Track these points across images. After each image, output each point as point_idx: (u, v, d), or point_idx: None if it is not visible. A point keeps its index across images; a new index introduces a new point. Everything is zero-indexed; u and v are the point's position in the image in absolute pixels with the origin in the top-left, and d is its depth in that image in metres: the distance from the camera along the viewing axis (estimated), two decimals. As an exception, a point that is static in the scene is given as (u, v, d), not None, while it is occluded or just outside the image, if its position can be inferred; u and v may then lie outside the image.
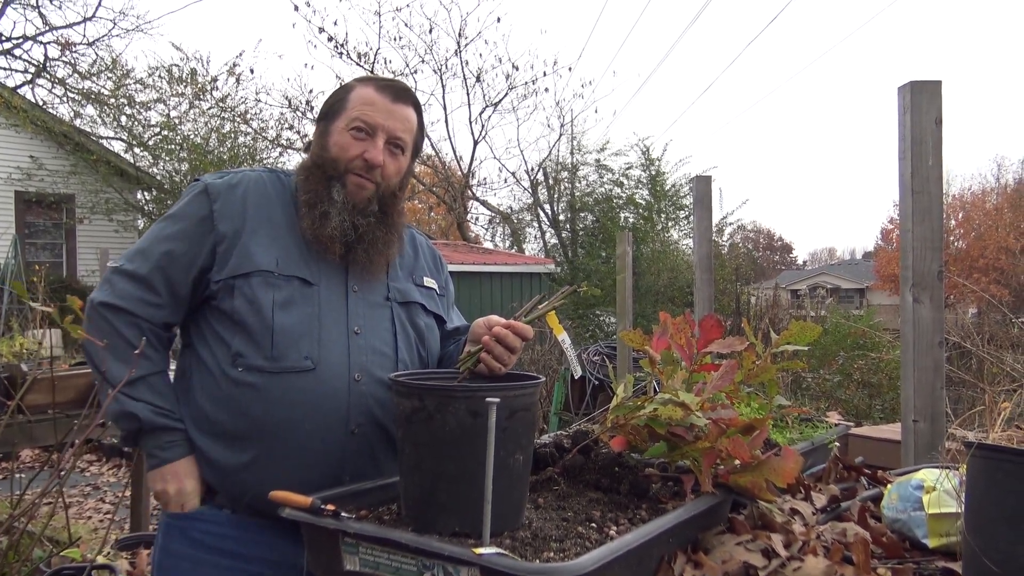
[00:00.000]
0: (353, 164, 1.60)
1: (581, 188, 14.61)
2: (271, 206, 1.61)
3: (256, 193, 1.61)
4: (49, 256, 13.62)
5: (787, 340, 1.62)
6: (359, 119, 1.60)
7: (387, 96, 1.62)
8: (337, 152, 1.61)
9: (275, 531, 1.48)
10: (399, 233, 1.69)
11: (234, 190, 1.59)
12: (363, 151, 1.60)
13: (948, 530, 1.29)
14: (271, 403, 1.49)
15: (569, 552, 1.12)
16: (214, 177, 1.62)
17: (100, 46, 15.48)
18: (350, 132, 1.60)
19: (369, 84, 1.65)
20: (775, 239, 58.77)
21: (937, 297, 2.33)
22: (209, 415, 1.53)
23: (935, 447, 2.22)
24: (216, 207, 1.57)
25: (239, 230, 1.56)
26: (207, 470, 1.54)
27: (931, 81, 2.34)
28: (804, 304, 13.62)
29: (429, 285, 1.78)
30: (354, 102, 1.62)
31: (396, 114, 1.63)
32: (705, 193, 4.46)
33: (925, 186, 2.33)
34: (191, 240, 1.56)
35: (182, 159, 13.68)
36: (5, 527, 1.66)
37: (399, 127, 1.63)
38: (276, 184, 1.65)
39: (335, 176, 1.60)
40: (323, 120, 1.67)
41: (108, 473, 6.98)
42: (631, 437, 1.43)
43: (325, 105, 1.68)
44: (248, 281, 1.52)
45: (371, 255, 1.62)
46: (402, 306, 1.68)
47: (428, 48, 18.03)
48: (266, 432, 1.50)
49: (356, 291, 1.61)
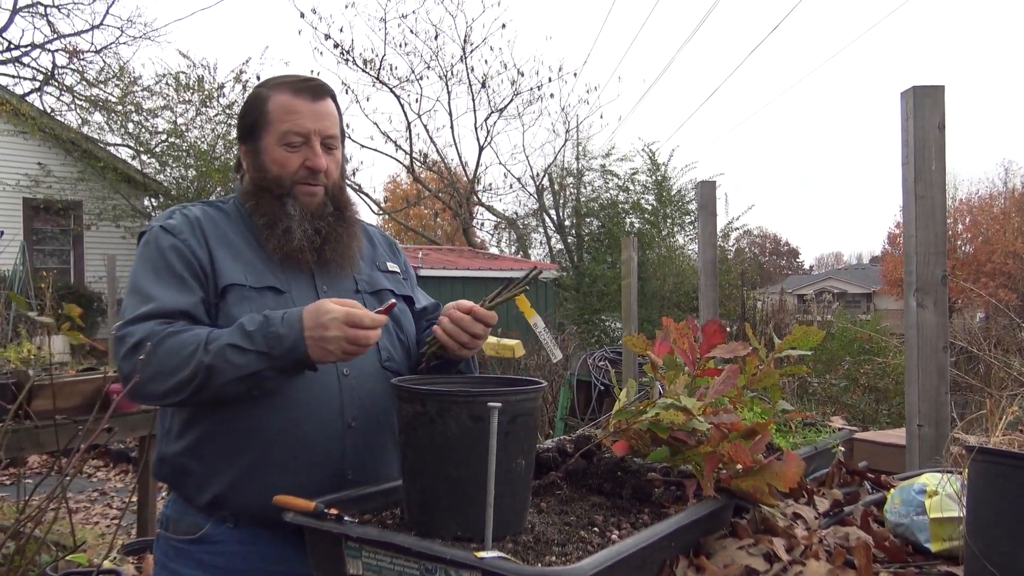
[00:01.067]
0: (297, 176, 1.60)
1: (586, 193, 14.61)
2: (222, 231, 1.60)
3: (208, 222, 1.60)
4: (56, 262, 13.70)
5: (790, 345, 1.62)
6: (290, 131, 1.58)
7: (306, 98, 1.60)
8: (277, 170, 1.60)
9: (283, 541, 1.48)
10: (357, 224, 1.71)
11: (190, 222, 1.58)
12: (303, 160, 1.60)
13: (951, 534, 1.29)
14: (266, 410, 1.49)
15: (571, 556, 1.12)
16: (163, 219, 1.60)
17: (108, 54, 15.59)
18: (283, 147, 1.59)
19: (283, 90, 1.61)
20: (781, 244, 58.71)
21: (941, 302, 2.33)
22: (209, 429, 1.52)
23: (939, 451, 2.22)
24: (183, 238, 1.56)
25: (209, 255, 1.55)
26: (211, 483, 1.52)
27: (934, 86, 2.34)
28: (810, 309, 13.58)
29: (392, 269, 1.80)
30: (276, 113, 1.59)
31: (321, 113, 1.61)
32: (709, 198, 4.46)
33: (928, 191, 2.33)
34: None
35: (189, 165, 13.74)
36: (11, 532, 1.67)
37: (328, 125, 1.62)
38: (218, 213, 1.64)
39: (284, 193, 1.60)
40: (248, 139, 1.64)
41: (115, 478, 7.01)
42: (634, 442, 1.43)
43: (244, 123, 1.65)
44: (225, 300, 1.52)
45: (339, 251, 1.64)
46: (372, 295, 1.69)
47: (434, 54, 18.04)
48: (265, 439, 1.50)
49: (326, 290, 1.62)
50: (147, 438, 4.20)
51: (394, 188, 30.91)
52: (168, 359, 1.40)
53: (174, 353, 1.41)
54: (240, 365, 1.39)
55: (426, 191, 21.01)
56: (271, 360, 1.40)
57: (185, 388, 1.40)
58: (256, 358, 1.39)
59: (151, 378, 1.41)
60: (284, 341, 1.39)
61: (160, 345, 1.41)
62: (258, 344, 1.39)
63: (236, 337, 1.40)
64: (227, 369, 1.39)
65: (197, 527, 1.55)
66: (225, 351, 1.39)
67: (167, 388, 1.41)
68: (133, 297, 1.51)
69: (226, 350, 1.39)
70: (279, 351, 1.39)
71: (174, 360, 1.40)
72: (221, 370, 1.39)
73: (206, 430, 1.52)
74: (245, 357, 1.39)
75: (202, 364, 1.38)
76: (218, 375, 1.39)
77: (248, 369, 1.39)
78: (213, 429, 1.52)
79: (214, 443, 1.52)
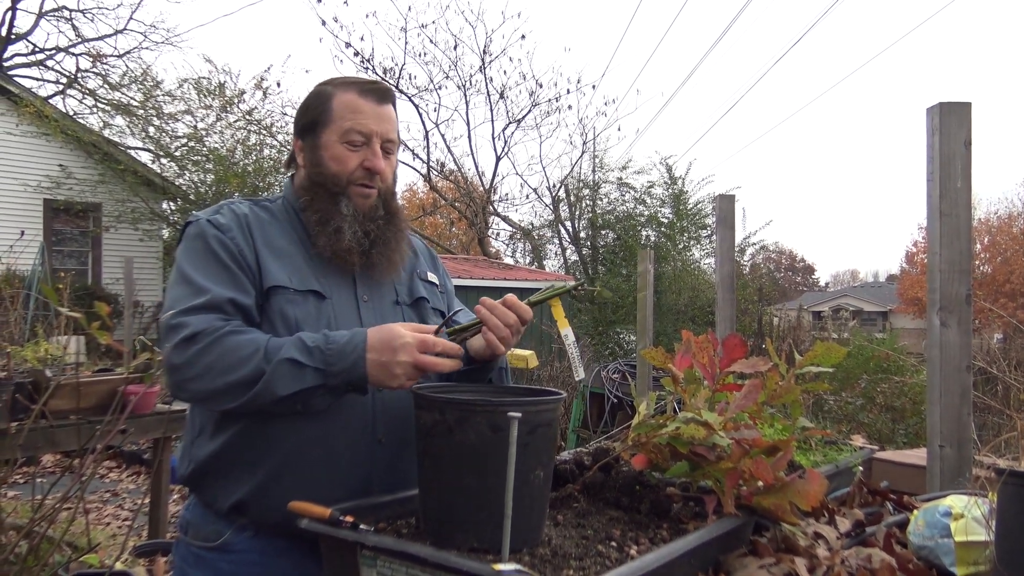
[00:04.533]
0: (355, 175, 1.59)
1: (602, 205, 14.62)
2: (268, 232, 1.58)
3: (255, 221, 1.59)
4: (75, 263, 13.81)
5: (811, 361, 1.60)
6: (352, 130, 1.58)
7: (372, 100, 1.60)
8: (336, 167, 1.59)
9: (301, 551, 1.46)
10: (406, 229, 1.70)
11: (238, 219, 1.57)
12: (362, 160, 1.59)
13: (976, 559, 1.26)
14: (297, 420, 1.46)
15: (589, 571, 1.11)
16: (210, 213, 1.58)
17: (131, 58, 15.77)
18: (344, 145, 1.58)
19: (350, 89, 1.61)
20: (797, 260, 58.38)
21: (965, 321, 2.30)
22: (239, 434, 1.50)
23: (961, 473, 2.18)
24: (231, 235, 1.54)
25: (255, 254, 1.53)
26: (235, 489, 1.50)
27: (960, 103, 2.32)
28: (826, 326, 13.49)
29: (432, 280, 1.79)
30: (340, 111, 1.59)
31: (384, 116, 1.61)
32: (728, 212, 4.44)
33: (953, 208, 2.30)
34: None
35: (208, 170, 13.84)
36: (25, 531, 1.67)
37: (389, 129, 1.62)
38: (264, 213, 1.63)
39: (339, 191, 1.59)
40: (308, 134, 1.63)
41: (127, 480, 7.03)
42: (653, 455, 1.41)
43: (305, 116, 1.64)
44: (268, 302, 1.50)
45: (386, 255, 1.63)
46: (411, 307, 1.68)
47: (453, 64, 18.17)
48: (293, 449, 1.48)
49: (366, 300, 1.61)
50: (161, 440, 4.21)
51: (410, 196, 31.02)
52: (225, 357, 1.37)
53: (231, 352, 1.38)
54: (296, 378, 1.37)
55: (442, 200, 21.05)
56: (327, 377, 1.38)
57: (237, 391, 1.37)
58: (313, 374, 1.37)
59: (202, 373, 1.38)
60: (344, 360, 1.38)
61: (218, 342, 1.39)
62: (316, 360, 1.38)
63: (295, 351, 1.38)
64: (281, 382, 1.36)
65: (218, 534, 1.53)
66: (283, 364, 1.36)
67: (217, 387, 1.38)
68: (184, 287, 1.47)
69: (284, 363, 1.36)
70: (337, 369, 1.38)
71: (231, 359, 1.37)
72: (276, 380, 1.36)
73: (238, 433, 1.50)
74: (302, 371, 1.37)
75: (261, 370, 1.36)
76: (272, 385, 1.36)
77: (302, 384, 1.37)
78: (243, 434, 1.49)
79: (242, 449, 1.49)
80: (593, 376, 7.77)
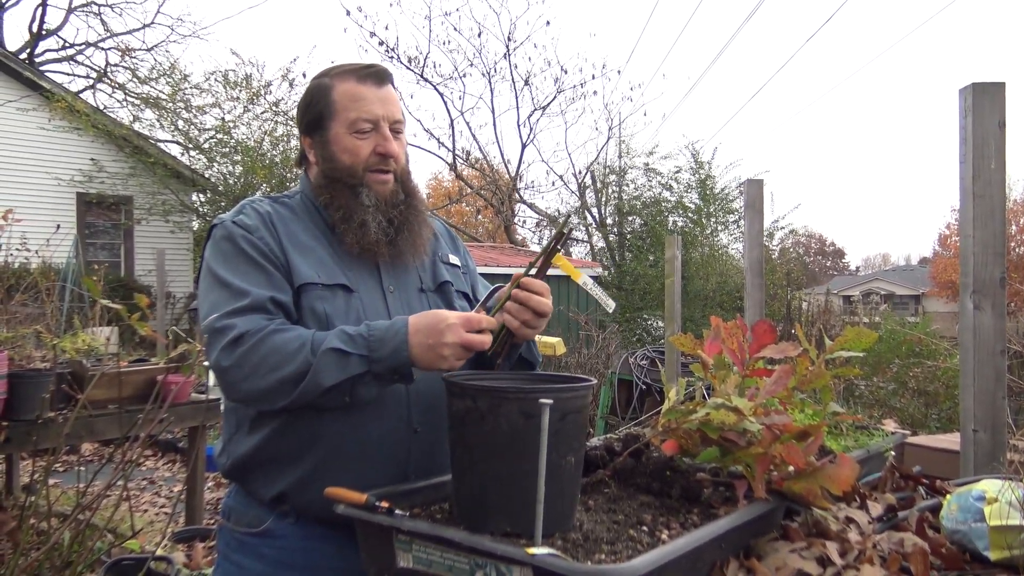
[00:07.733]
0: (370, 163, 1.60)
1: (629, 191, 14.56)
2: (291, 228, 1.59)
3: (277, 218, 1.59)
4: (108, 256, 14.03)
5: (842, 346, 1.59)
6: (359, 118, 1.58)
7: (372, 84, 1.60)
8: (349, 159, 1.59)
9: (343, 537, 1.46)
10: (426, 211, 1.70)
11: (262, 217, 1.58)
12: (374, 146, 1.59)
13: (1011, 543, 1.26)
14: (335, 413, 1.48)
15: (621, 555, 1.12)
16: (234, 215, 1.59)
17: (159, 51, 15.93)
18: (353, 135, 1.58)
19: (348, 77, 1.60)
20: (827, 244, 57.72)
21: (999, 304, 2.27)
22: (278, 429, 1.52)
23: (995, 458, 2.16)
24: (259, 235, 1.55)
25: (283, 252, 1.54)
26: (277, 481, 1.53)
27: (994, 83, 2.28)
28: (857, 310, 13.34)
29: (454, 262, 1.79)
30: (343, 101, 1.59)
31: (387, 98, 1.61)
32: (756, 197, 4.40)
33: (987, 190, 2.27)
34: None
35: (236, 162, 13.98)
36: (71, 519, 1.72)
37: (395, 110, 1.62)
38: (284, 209, 1.63)
39: (357, 183, 1.60)
40: (315, 131, 1.63)
41: (163, 468, 7.15)
42: (683, 441, 1.42)
43: (309, 113, 1.63)
44: (299, 299, 1.52)
45: (411, 240, 1.64)
46: (436, 293, 1.69)
47: (477, 52, 18.20)
48: (333, 441, 1.50)
49: (392, 291, 1.62)
50: (197, 429, 4.28)
51: (436, 185, 31.10)
52: (273, 355, 1.39)
53: (279, 349, 1.40)
54: (340, 368, 1.39)
55: (468, 188, 21.07)
56: (371, 364, 1.40)
57: (287, 387, 1.39)
58: (358, 361, 1.40)
59: (251, 373, 1.40)
60: (386, 346, 1.40)
61: (264, 340, 1.41)
62: (360, 347, 1.40)
63: (338, 341, 1.40)
64: (327, 372, 1.38)
65: (260, 520, 1.56)
66: (327, 354, 1.39)
67: (269, 385, 1.40)
68: (221, 291, 1.48)
69: (328, 353, 1.39)
70: (380, 355, 1.40)
71: (279, 356, 1.39)
72: (321, 371, 1.38)
73: (275, 429, 1.51)
74: (346, 359, 1.39)
75: (308, 363, 1.38)
76: (319, 376, 1.38)
77: (347, 373, 1.39)
78: (282, 429, 1.51)
79: (282, 443, 1.51)
80: (621, 363, 7.76)
